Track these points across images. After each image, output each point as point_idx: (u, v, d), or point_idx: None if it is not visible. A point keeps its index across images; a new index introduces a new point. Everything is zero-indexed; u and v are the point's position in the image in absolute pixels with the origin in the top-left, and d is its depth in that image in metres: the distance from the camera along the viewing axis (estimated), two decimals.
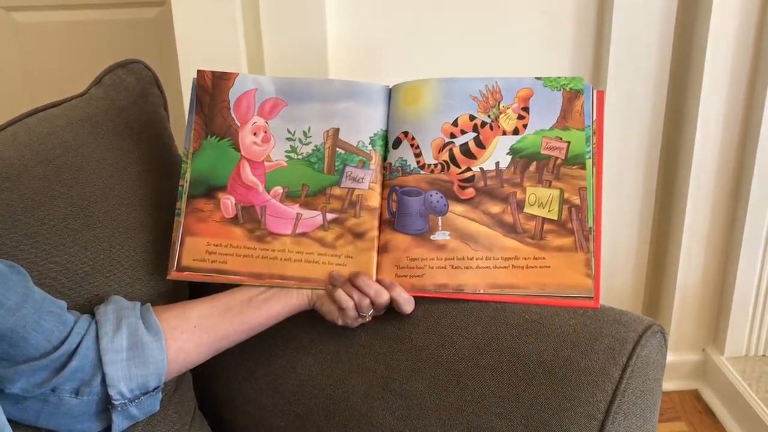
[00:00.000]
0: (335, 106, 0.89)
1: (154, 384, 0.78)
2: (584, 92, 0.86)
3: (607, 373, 0.75)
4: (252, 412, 0.93)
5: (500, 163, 0.87)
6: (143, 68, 0.98)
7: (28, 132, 0.87)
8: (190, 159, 0.89)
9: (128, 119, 0.94)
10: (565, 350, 0.78)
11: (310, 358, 0.90)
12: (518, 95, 0.87)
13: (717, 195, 1.52)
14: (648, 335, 0.78)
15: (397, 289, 0.84)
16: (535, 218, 0.85)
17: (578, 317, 0.81)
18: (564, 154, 0.86)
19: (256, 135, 0.89)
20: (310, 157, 0.89)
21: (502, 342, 0.81)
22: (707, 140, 1.47)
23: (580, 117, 0.86)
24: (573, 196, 0.85)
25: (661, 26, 1.40)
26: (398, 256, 0.86)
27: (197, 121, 0.90)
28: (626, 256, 1.60)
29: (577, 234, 0.84)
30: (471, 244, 0.85)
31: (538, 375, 0.77)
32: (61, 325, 0.72)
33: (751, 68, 1.42)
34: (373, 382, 0.85)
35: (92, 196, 0.87)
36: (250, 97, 0.90)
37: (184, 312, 0.83)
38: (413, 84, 0.89)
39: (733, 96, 1.44)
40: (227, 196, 0.88)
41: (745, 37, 1.40)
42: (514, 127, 0.87)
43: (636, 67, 1.43)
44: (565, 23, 1.43)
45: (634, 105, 1.46)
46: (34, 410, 0.73)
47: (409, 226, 0.86)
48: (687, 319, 1.63)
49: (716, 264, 1.59)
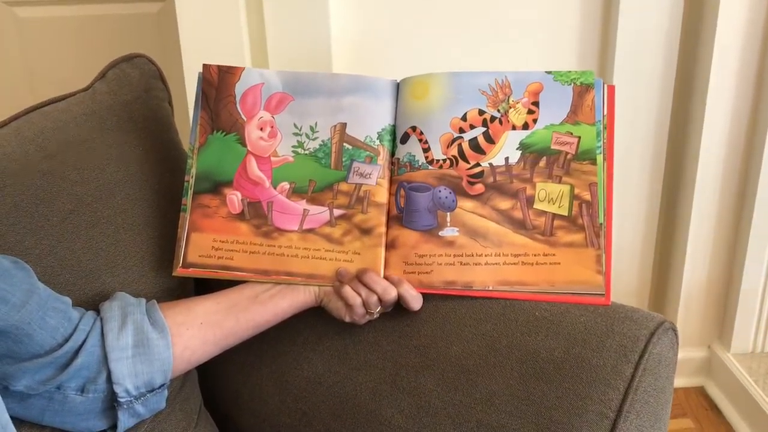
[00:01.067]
0: (342, 100, 0.88)
1: (160, 381, 0.77)
2: (595, 86, 0.85)
3: (620, 370, 0.75)
4: (257, 409, 0.92)
5: (510, 159, 0.86)
6: (147, 62, 0.97)
7: (31, 127, 0.86)
8: (196, 154, 0.88)
9: (132, 114, 0.93)
10: (576, 348, 0.77)
11: (317, 355, 0.89)
12: (528, 89, 0.86)
13: (723, 193, 1.51)
14: (660, 332, 0.77)
15: (405, 285, 0.83)
16: (545, 214, 0.84)
17: (589, 314, 0.80)
18: (574, 150, 0.85)
19: (262, 130, 0.88)
20: (317, 152, 0.88)
21: (512, 339, 0.80)
22: (713, 138, 1.46)
23: (590, 112, 0.85)
24: (583, 192, 0.84)
25: (668, 25, 1.39)
26: (406, 252, 0.85)
27: (203, 115, 0.89)
28: (632, 254, 1.59)
29: (587, 230, 0.83)
30: (480, 241, 0.84)
31: (549, 373, 0.77)
32: (66, 321, 0.71)
33: (758, 67, 1.41)
34: (381, 380, 0.84)
35: (97, 192, 0.86)
36: (257, 91, 0.88)
37: (189, 309, 0.82)
38: (421, 78, 0.88)
39: (740, 95, 1.43)
40: (233, 192, 0.88)
41: (753, 35, 1.39)
42: (524, 122, 0.86)
43: (642, 66, 1.42)
44: (571, 21, 1.42)
45: (640, 103, 1.45)
46: (38, 408, 0.73)
47: (417, 222, 0.85)
48: (693, 315, 1.62)
49: (722, 261, 1.58)
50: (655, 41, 1.40)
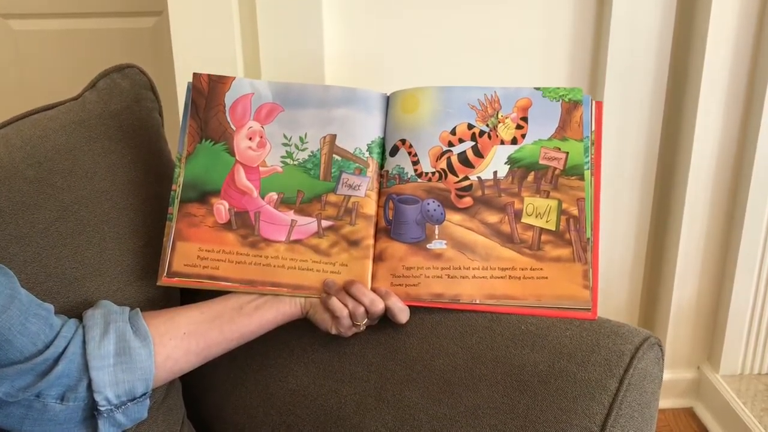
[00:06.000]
0: (332, 112, 0.88)
1: (142, 390, 0.76)
2: (583, 103, 0.86)
3: (604, 385, 0.74)
4: (241, 422, 0.91)
5: (498, 173, 0.86)
6: (138, 73, 0.98)
7: (20, 134, 0.86)
8: (184, 163, 0.88)
9: (121, 123, 0.93)
10: (562, 361, 0.77)
11: (302, 367, 0.88)
12: (517, 105, 0.87)
13: (713, 211, 1.51)
14: (645, 347, 0.77)
15: (393, 298, 0.83)
16: (532, 228, 0.84)
17: (575, 328, 0.80)
18: (562, 165, 0.85)
19: (251, 140, 0.88)
20: (306, 163, 0.88)
21: (497, 353, 0.80)
22: (704, 156, 1.47)
23: (578, 128, 0.86)
24: (571, 207, 0.84)
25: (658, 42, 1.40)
26: (394, 264, 0.85)
27: (192, 124, 0.89)
28: (621, 273, 1.59)
29: (575, 245, 0.83)
30: (468, 254, 0.84)
31: (534, 386, 0.76)
32: (47, 328, 0.71)
33: (747, 84, 1.42)
34: (366, 392, 0.83)
35: (83, 200, 0.85)
36: (247, 101, 0.89)
37: (173, 318, 0.81)
38: (411, 92, 0.88)
39: (730, 115, 1.44)
40: (221, 201, 0.87)
41: (743, 53, 1.40)
42: (513, 137, 0.86)
43: (632, 84, 1.43)
44: (562, 37, 1.43)
45: (630, 120, 1.45)
46: (17, 416, 0.72)
47: (405, 234, 0.85)
48: (682, 337, 1.62)
49: (712, 281, 1.58)
50: (645, 60, 1.41)
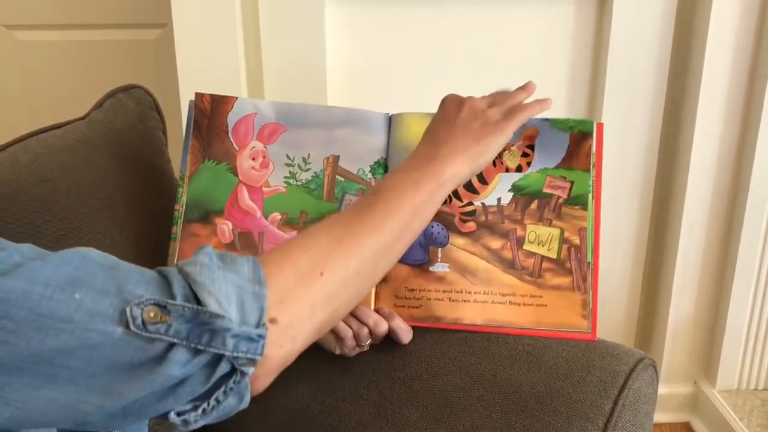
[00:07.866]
0: (335, 132, 0.89)
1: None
2: (593, 134, 0.85)
3: (599, 406, 0.75)
4: None
5: (502, 200, 0.87)
6: (144, 93, 0.99)
7: (27, 152, 0.87)
8: (187, 182, 0.89)
9: (125, 141, 0.94)
10: (558, 382, 0.78)
11: (305, 386, 0.89)
12: (524, 134, 0.86)
13: (709, 229, 1.53)
14: (639, 368, 0.78)
15: (396, 319, 0.84)
16: (534, 256, 0.85)
17: (571, 349, 0.81)
18: (567, 194, 0.86)
19: (254, 160, 0.89)
20: (309, 183, 0.89)
21: (494, 373, 0.81)
22: (701, 176, 1.48)
23: (586, 159, 0.85)
24: (573, 236, 0.85)
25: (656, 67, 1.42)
26: (397, 286, 0.86)
27: (194, 144, 0.90)
28: (619, 289, 1.60)
29: (575, 274, 0.84)
30: (470, 278, 0.85)
31: (531, 406, 0.77)
32: None
33: (744, 107, 1.43)
34: (366, 411, 0.84)
35: (87, 217, 0.87)
36: (249, 121, 0.90)
37: None
38: (417, 116, 0.89)
39: (727, 137, 1.46)
40: (224, 221, 0.88)
41: (740, 72, 1.41)
42: (518, 165, 0.87)
43: (631, 103, 1.44)
44: (562, 59, 1.44)
45: (628, 140, 1.47)
46: None
47: (408, 256, 0.86)
48: (679, 351, 1.63)
49: (709, 296, 1.59)
50: (644, 79, 1.43)
